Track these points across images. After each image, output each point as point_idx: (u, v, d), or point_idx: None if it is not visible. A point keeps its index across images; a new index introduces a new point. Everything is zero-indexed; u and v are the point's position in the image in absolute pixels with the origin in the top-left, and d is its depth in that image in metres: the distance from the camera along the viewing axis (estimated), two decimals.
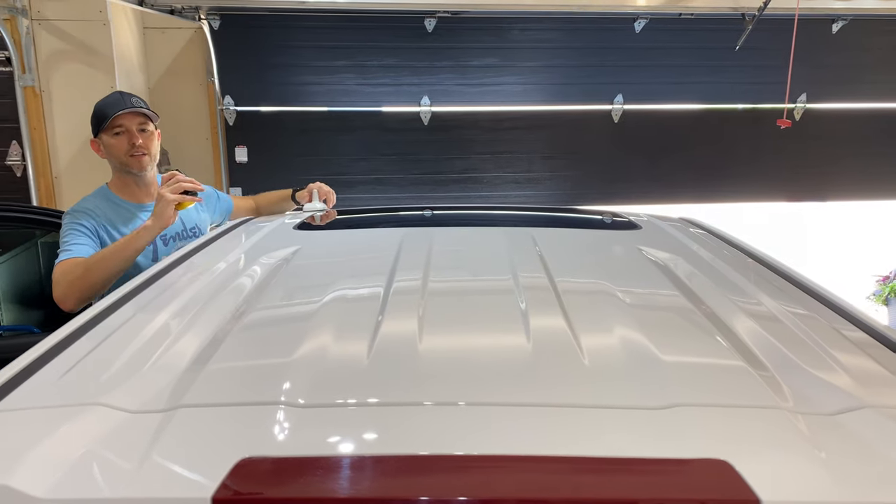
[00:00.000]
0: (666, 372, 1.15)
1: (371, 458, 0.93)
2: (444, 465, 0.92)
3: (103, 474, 0.92)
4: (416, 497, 0.87)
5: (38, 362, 1.24)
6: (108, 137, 2.44)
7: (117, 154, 2.45)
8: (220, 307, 1.45)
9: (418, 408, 1.05)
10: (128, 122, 2.43)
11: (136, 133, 2.45)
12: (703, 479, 0.89)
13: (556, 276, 1.58)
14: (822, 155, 5.71)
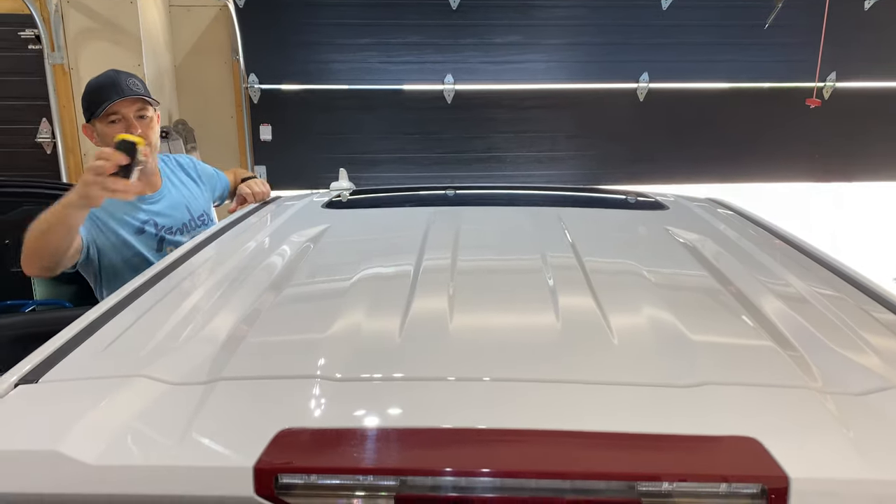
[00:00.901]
0: (695, 351, 1.16)
1: (405, 430, 0.96)
2: (475, 439, 0.94)
3: (149, 443, 0.96)
4: (449, 469, 0.90)
5: (80, 336, 1.28)
6: (102, 125, 2.19)
7: (109, 142, 2.10)
8: (255, 284, 1.48)
9: (450, 383, 1.07)
10: (125, 110, 2.17)
11: (134, 122, 2.18)
12: (732, 456, 0.91)
13: (584, 255, 1.59)
14: (851, 135, 5.61)
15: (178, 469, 0.91)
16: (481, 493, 0.89)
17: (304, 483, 0.91)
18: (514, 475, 0.89)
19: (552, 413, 0.99)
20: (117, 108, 2.16)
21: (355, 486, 0.91)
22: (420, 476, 0.90)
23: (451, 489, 0.89)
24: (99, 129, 2.21)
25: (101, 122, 2.19)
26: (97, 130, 2.22)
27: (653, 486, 0.89)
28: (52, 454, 0.92)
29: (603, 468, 0.89)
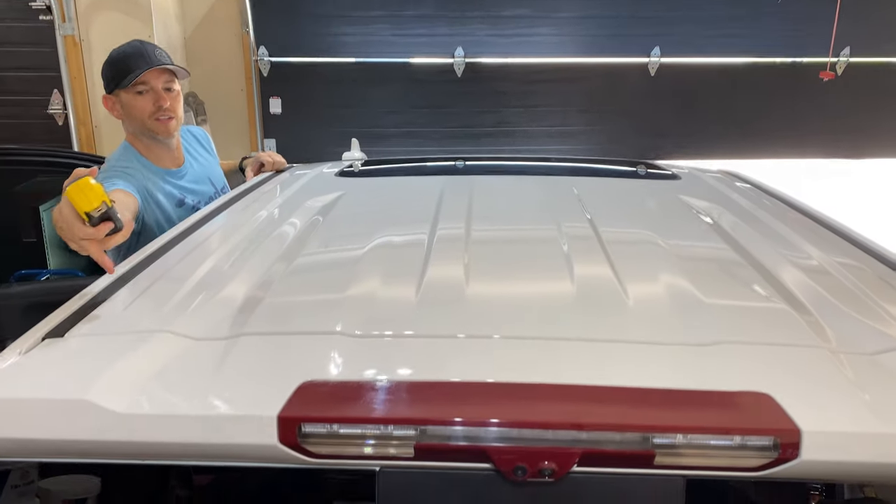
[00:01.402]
0: (710, 312, 1.18)
1: (426, 383, 0.98)
2: (494, 392, 0.96)
3: (175, 393, 0.98)
4: (468, 420, 0.92)
5: (103, 294, 1.30)
6: (128, 96, 2.11)
7: (139, 116, 2.12)
8: (273, 247, 1.50)
9: (468, 340, 1.09)
10: (154, 81, 2.09)
11: (163, 93, 2.11)
12: (745, 410, 0.93)
13: (598, 223, 1.60)
14: (864, 111, 5.56)
15: (204, 418, 0.94)
16: (499, 444, 0.91)
17: (327, 432, 0.93)
18: (532, 426, 0.91)
19: (568, 368, 1.01)
20: (146, 79, 2.09)
21: (376, 435, 0.93)
22: (440, 426, 0.92)
23: (470, 439, 0.92)
24: (124, 100, 2.13)
25: (128, 92, 2.11)
26: (121, 101, 2.14)
27: (667, 438, 0.91)
28: (81, 403, 0.94)
29: (618, 420, 0.91)
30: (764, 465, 0.90)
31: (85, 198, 1.28)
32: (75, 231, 1.32)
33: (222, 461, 0.98)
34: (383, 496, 0.94)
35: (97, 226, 1.30)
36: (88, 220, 1.29)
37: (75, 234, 1.32)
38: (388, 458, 0.93)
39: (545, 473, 0.90)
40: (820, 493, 1.31)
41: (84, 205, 1.28)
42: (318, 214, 1.73)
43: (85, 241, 1.33)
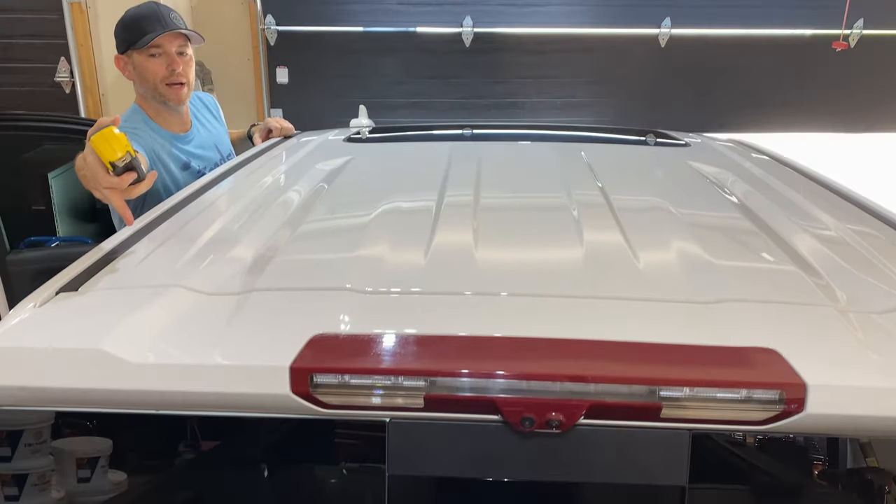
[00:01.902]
0: (717, 272, 1.18)
1: (436, 336, 0.99)
2: (504, 345, 0.97)
3: (188, 344, 1.00)
4: (478, 371, 0.93)
5: (116, 251, 1.32)
6: (141, 58, 2.10)
7: (151, 79, 2.12)
8: (282, 208, 1.51)
9: (477, 297, 1.10)
10: (168, 44, 2.09)
11: (176, 57, 2.10)
12: (751, 365, 0.94)
13: (607, 187, 1.61)
14: (877, 85, 5.50)
15: (217, 367, 0.95)
16: (507, 395, 0.92)
17: (338, 383, 0.95)
18: (540, 378, 0.92)
19: (577, 323, 1.02)
20: (160, 42, 2.08)
21: (386, 386, 0.95)
22: (449, 377, 0.93)
23: (479, 390, 0.93)
24: (136, 61, 2.12)
25: (141, 54, 2.10)
26: (133, 62, 2.13)
27: (673, 391, 0.92)
28: (96, 352, 0.96)
29: (625, 373, 0.92)
30: (769, 418, 0.91)
31: (109, 147, 1.29)
32: (99, 180, 1.33)
33: (235, 412, 1.00)
34: (393, 447, 0.96)
35: (121, 175, 1.31)
36: (112, 169, 1.30)
37: (99, 182, 1.34)
38: (397, 408, 0.95)
39: (552, 425, 0.91)
40: (823, 462, 1.33)
41: (108, 154, 1.29)
42: (327, 178, 1.74)
43: (108, 191, 1.35)
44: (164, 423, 1.16)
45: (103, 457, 1.26)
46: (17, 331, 1.04)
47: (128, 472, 1.18)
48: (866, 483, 1.12)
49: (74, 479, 1.16)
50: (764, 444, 1.08)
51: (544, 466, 0.96)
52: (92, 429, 1.24)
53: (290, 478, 1.14)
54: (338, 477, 1.08)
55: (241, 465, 1.19)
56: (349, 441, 1.05)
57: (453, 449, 0.96)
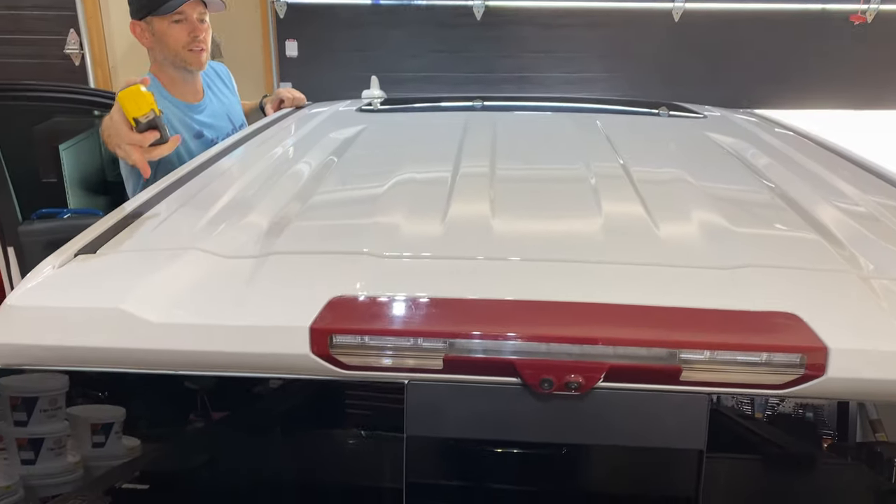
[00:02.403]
0: (739, 239, 1.17)
1: (452, 299, 0.98)
2: (524, 308, 0.97)
3: (207, 305, 1.00)
4: (499, 334, 0.93)
5: (132, 215, 1.32)
6: (162, 24, 2.08)
7: (173, 46, 2.10)
8: (296, 176, 1.50)
9: (497, 261, 1.09)
10: (189, 10, 2.08)
11: (198, 24, 2.10)
12: (772, 328, 0.93)
13: (625, 157, 1.59)
14: (894, 61, 5.42)
15: (238, 328, 0.95)
16: (528, 357, 0.92)
17: (358, 343, 0.95)
18: (560, 340, 0.92)
19: (596, 287, 1.01)
20: (184, 9, 2.06)
21: (406, 347, 0.95)
22: (469, 339, 0.93)
23: (499, 352, 0.93)
24: (157, 28, 2.09)
25: (163, 20, 2.08)
26: (153, 28, 2.10)
27: (693, 354, 0.92)
28: (116, 311, 0.96)
29: (645, 335, 0.92)
30: (789, 382, 0.91)
31: (135, 103, 1.33)
32: (122, 135, 1.35)
33: (254, 372, 1.00)
34: (411, 408, 0.96)
35: (143, 132, 1.34)
36: (136, 125, 1.33)
37: (122, 138, 1.36)
38: (416, 370, 0.95)
39: (571, 387, 0.91)
40: (832, 437, 1.33)
41: (133, 110, 1.33)
42: (341, 147, 1.73)
43: (130, 147, 1.37)
44: (179, 388, 1.16)
45: (117, 423, 1.28)
46: (37, 291, 1.05)
47: (142, 438, 1.19)
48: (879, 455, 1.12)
49: (89, 445, 1.17)
50: (782, 411, 1.08)
51: (562, 429, 0.96)
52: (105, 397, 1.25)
53: (308, 440, 1.15)
54: (356, 438, 1.09)
55: (258, 428, 1.19)
56: (368, 403, 1.05)
57: (472, 411, 0.97)
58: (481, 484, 1.03)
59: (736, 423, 1.03)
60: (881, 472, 1.09)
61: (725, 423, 0.98)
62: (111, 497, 1.17)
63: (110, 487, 1.17)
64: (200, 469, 1.23)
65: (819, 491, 1.13)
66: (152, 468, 1.21)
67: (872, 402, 1.02)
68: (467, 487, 1.04)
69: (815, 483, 1.14)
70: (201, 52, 2.14)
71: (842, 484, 1.09)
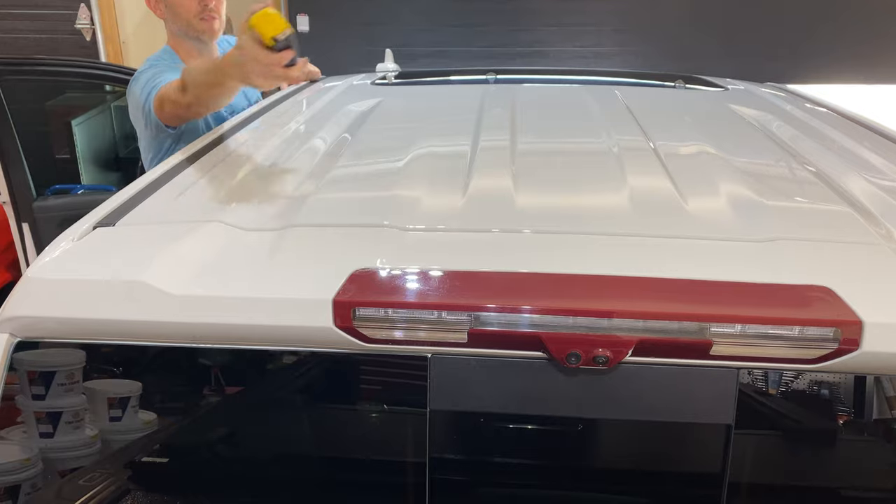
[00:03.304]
0: (769, 212, 1.14)
1: (477, 272, 0.97)
2: (552, 281, 0.95)
3: (229, 277, 0.98)
4: (525, 307, 0.91)
5: (151, 188, 1.30)
6: None
7: (185, 15, 2.06)
8: (315, 148, 1.48)
9: (522, 235, 1.07)
10: None
11: None
12: (805, 302, 0.91)
13: (646, 128, 1.56)
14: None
15: (260, 300, 0.94)
16: (554, 331, 0.90)
17: (381, 316, 0.93)
18: (588, 314, 0.90)
19: (623, 261, 0.99)
20: None
21: (430, 320, 0.93)
22: (494, 312, 0.91)
23: (525, 326, 0.91)
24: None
25: None
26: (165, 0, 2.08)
27: (724, 328, 0.90)
28: (137, 284, 0.95)
29: (675, 309, 0.90)
30: (823, 356, 0.89)
31: (271, 23, 1.31)
32: (261, 58, 1.34)
33: (277, 345, 0.99)
34: (435, 383, 0.95)
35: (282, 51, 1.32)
36: (274, 45, 1.32)
37: (261, 60, 1.34)
38: (440, 343, 0.93)
39: (599, 361, 0.90)
40: (849, 413, 1.31)
41: (270, 30, 1.31)
42: (357, 120, 1.70)
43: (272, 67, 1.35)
44: (199, 362, 1.16)
45: (134, 397, 1.28)
46: (56, 264, 1.04)
47: (159, 412, 1.19)
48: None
49: (106, 418, 1.17)
50: (811, 386, 1.06)
51: (589, 404, 0.95)
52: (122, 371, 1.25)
53: (330, 414, 1.14)
54: (380, 412, 1.08)
55: (279, 401, 1.19)
56: (391, 376, 1.04)
57: (496, 385, 0.95)
58: (505, 459, 1.02)
59: (765, 398, 1.01)
60: None
61: (754, 397, 0.97)
62: (129, 470, 1.17)
63: (128, 461, 1.17)
64: (219, 443, 1.23)
65: (847, 467, 1.12)
66: (170, 442, 1.21)
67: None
68: (491, 462, 1.03)
69: (843, 458, 1.13)
70: (213, 20, 2.09)
71: (874, 459, 1.08)
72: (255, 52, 1.34)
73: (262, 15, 1.32)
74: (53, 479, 1.12)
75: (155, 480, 1.16)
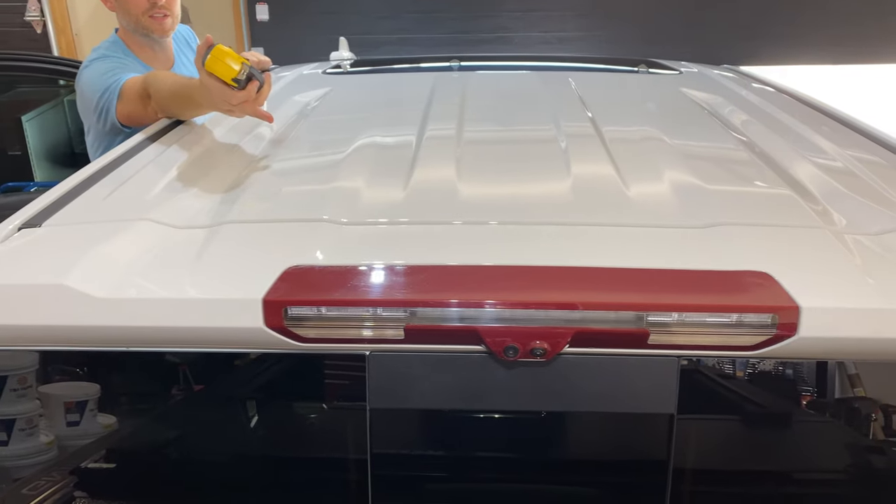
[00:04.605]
0: (710, 198, 1.14)
1: (412, 266, 0.94)
2: (486, 273, 0.93)
3: (156, 278, 0.95)
4: (461, 300, 0.89)
5: (80, 187, 1.26)
6: None
7: (134, 11, 1.99)
8: (256, 139, 1.45)
9: (458, 226, 1.05)
10: None
11: None
12: (743, 288, 0.90)
13: (595, 115, 1.55)
14: (871, 14, 5.37)
15: (187, 301, 0.91)
16: (490, 324, 0.89)
17: (314, 315, 0.91)
18: (524, 306, 0.89)
19: (561, 250, 0.98)
20: None
21: (365, 317, 0.91)
22: (430, 308, 0.89)
23: (461, 320, 0.89)
24: None
25: None
26: None
27: (661, 317, 0.89)
28: (58, 287, 0.91)
29: (611, 298, 0.89)
30: (761, 343, 0.88)
31: (226, 66, 1.31)
32: (229, 99, 1.36)
33: (207, 347, 0.96)
34: (374, 380, 0.93)
35: (246, 87, 1.33)
36: (237, 85, 1.32)
37: (230, 102, 1.36)
38: (377, 341, 0.91)
39: (537, 353, 0.88)
40: (811, 391, 1.32)
41: (227, 73, 1.31)
42: (303, 111, 1.67)
43: (243, 105, 1.37)
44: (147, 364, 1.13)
45: (92, 400, 1.24)
46: None
47: (114, 415, 1.16)
48: (853, 411, 1.10)
49: (63, 423, 1.14)
50: (754, 372, 1.06)
51: (529, 397, 0.93)
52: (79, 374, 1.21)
53: (270, 415, 1.11)
54: (319, 412, 1.06)
55: (221, 403, 1.16)
56: (329, 375, 1.01)
57: (436, 381, 0.93)
58: (448, 454, 1.01)
59: (708, 386, 1.01)
60: (859, 429, 1.07)
61: (697, 385, 0.96)
62: (77, 476, 1.14)
63: (76, 467, 1.13)
64: (164, 445, 1.20)
65: (793, 448, 1.12)
66: (118, 446, 1.18)
67: (847, 362, 1.00)
68: (433, 457, 1.01)
69: (790, 441, 1.13)
70: (164, 18, 2.01)
71: (817, 440, 1.08)
72: (223, 94, 1.35)
73: (215, 59, 1.31)
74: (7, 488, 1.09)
75: (100, 485, 1.13)
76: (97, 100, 1.88)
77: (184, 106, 1.56)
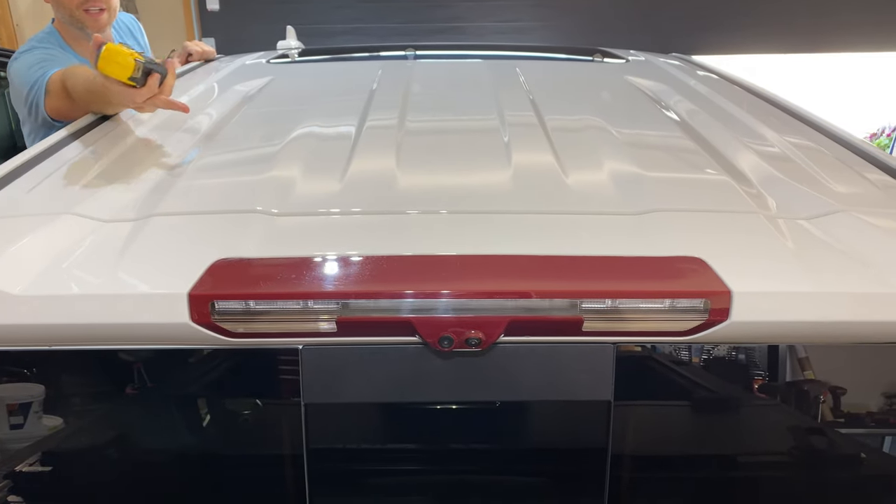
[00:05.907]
0: (646, 185, 1.14)
1: (343, 257, 0.92)
2: (419, 263, 0.91)
3: (78, 274, 0.91)
4: (394, 291, 0.88)
5: (5, 180, 1.21)
6: None
7: (67, 4, 1.94)
8: (192, 130, 1.41)
9: (392, 216, 1.03)
10: None
11: None
12: (675, 274, 0.90)
13: (539, 103, 1.54)
14: (826, 4, 5.46)
15: (109, 297, 0.88)
16: (424, 314, 0.87)
17: (243, 309, 0.88)
18: (457, 296, 0.87)
19: (494, 240, 0.97)
20: None
21: (296, 311, 0.89)
22: (362, 299, 0.88)
23: (394, 311, 0.88)
24: None
25: None
26: None
27: (595, 303, 0.88)
28: None
29: (544, 286, 0.88)
30: (694, 328, 0.88)
31: (119, 66, 1.28)
32: (134, 99, 1.33)
33: (134, 343, 0.93)
34: (308, 375, 0.91)
35: (147, 83, 1.30)
36: (135, 84, 1.29)
37: (136, 101, 1.34)
38: (310, 334, 0.89)
39: (472, 343, 0.87)
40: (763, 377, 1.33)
41: (122, 73, 1.28)
42: (243, 100, 1.63)
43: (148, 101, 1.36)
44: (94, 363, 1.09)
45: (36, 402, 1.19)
46: None
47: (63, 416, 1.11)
48: (801, 394, 1.12)
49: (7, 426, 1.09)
50: (692, 357, 1.06)
51: (466, 387, 0.93)
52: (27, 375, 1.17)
53: (205, 413, 1.08)
54: (253, 409, 1.03)
55: (155, 403, 1.13)
56: (262, 371, 0.99)
57: (371, 373, 0.92)
58: (385, 446, 1.00)
59: (644, 372, 1.01)
60: (807, 411, 1.08)
61: (633, 371, 0.96)
62: (10, 480, 1.09)
63: (10, 471, 1.09)
64: (102, 446, 1.16)
65: (735, 432, 1.13)
66: (54, 448, 1.14)
67: (780, 346, 1.00)
68: (371, 450, 1.00)
69: (731, 425, 1.14)
70: (100, 13, 1.95)
71: (758, 423, 1.09)
72: (123, 95, 1.33)
73: (107, 61, 1.27)
74: None
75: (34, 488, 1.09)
76: (26, 94, 1.83)
77: (101, 103, 1.51)
